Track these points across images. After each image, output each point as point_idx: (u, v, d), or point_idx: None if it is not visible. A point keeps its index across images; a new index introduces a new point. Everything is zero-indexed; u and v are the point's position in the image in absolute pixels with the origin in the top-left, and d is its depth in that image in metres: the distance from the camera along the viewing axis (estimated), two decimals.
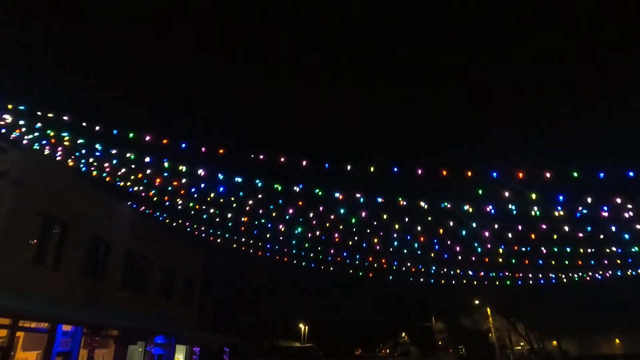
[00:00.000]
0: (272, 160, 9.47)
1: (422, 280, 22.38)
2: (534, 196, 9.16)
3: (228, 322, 27.34)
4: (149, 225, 20.10)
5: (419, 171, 9.74)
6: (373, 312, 39.96)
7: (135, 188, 14.50)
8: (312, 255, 19.49)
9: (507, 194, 9.27)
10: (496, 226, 12.56)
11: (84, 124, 9.75)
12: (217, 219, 16.82)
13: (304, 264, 20.53)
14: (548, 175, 8.26)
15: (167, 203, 15.87)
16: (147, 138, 9.58)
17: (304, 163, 9.48)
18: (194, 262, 24.95)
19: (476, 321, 43.24)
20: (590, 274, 20.81)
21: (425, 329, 66.79)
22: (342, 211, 12.34)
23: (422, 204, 10.31)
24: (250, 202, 14.37)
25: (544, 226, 11.87)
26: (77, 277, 15.00)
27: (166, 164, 10.87)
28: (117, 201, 17.84)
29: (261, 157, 9.41)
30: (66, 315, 12.84)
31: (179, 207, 15.67)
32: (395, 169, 9.37)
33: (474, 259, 18.28)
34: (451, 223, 12.46)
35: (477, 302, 38.87)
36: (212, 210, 16.12)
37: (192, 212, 16.67)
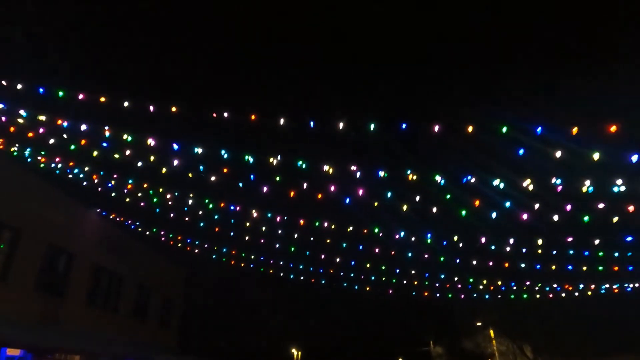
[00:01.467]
0: (241, 119, 7.80)
1: (420, 294, 20.31)
2: (596, 156, 7.18)
3: (212, 346, 24.86)
4: (121, 236, 18.04)
5: (436, 128, 7.78)
6: (369, 335, 37.43)
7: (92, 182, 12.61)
8: (300, 266, 17.55)
9: (558, 154, 7.42)
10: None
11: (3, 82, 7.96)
12: (193, 223, 14.97)
13: (292, 276, 18.49)
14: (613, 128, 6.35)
15: (132, 196, 13.96)
16: (81, 97, 7.85)
17: (282, 122, 7.80)
18: (173, 278, 22.71)
19: (479, 344, 40.74)
20: (611, 285, 18.68)
21: (422, 354, 63.57)
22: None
23: (438, 178, 8.52)
24: (224, 202, 12.63)
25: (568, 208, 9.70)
26: (30, 292, 12.86)
27: (107, 133, 9.08)
28: (83, 206, 15.85)
29: (225, 115, 7.74)
30: (11, 337, 10.72)
31: (142, 202, 13.74)
32: (403, 126, 7.63)
33: (475, 262, 16.17)
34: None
35: (479, 323, 36.54)
36: (187, 218, 14.29)
37: (165, 216, 14.80)
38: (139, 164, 11.30)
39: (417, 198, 9.18)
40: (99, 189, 12.89)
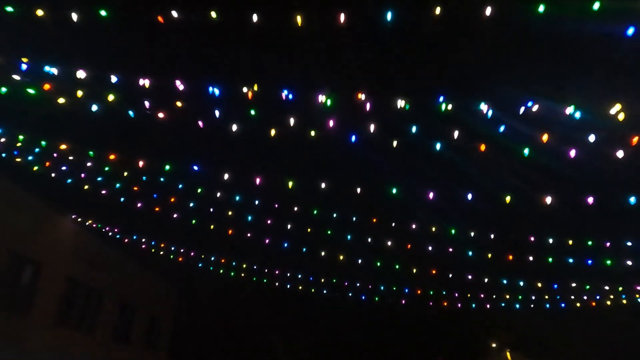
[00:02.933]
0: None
1: (438, 304, 18.03)
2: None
3: None
4: (98, 245, 15.99)
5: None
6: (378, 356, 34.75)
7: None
8: (299, 275, 15.44)
9: None
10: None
11: None
12: (182, 225, 13.02)
13: (300, 287, 16.34)
14: None
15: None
16: None
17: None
18: (162, 294, 20.49)
19: None
20: None
21: None
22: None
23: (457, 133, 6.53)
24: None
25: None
26: None
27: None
28: (52, 209, 13.88)
29: None
30: None
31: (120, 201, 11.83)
32: None
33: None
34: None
35: (494, 344, 33.74)
36: (174, 215, 12.35)
37: (149, 218, 12.87)
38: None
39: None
40: (53, 174, 10.90)
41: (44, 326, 12.76)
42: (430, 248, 10.69)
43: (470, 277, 12.31)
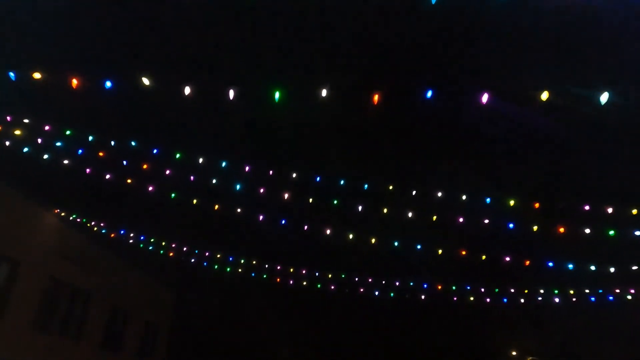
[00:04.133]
0: None
1: (464, 299, 16.02)
2: None
3: None
4: (86, 244, 14.68)
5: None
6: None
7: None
8: (303, 270, 13.89)
9: None
10: None
11: None
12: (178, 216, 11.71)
13: (304, 283, 14.73)
14: None
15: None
16: None
17: None
18: (157, 299, 19.09)
19: None
20: None
21: None
22: None
23: None
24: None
25: None
26: None
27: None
28: (32, 202, 12.60)
29: None
30: None
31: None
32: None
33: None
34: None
35: (514, 353, 31.48)
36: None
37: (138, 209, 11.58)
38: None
39: None
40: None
41: (21, 331, 11.40)
42: (460, 220, 9.13)
43: (507, 258, 10.67)
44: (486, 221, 8.94)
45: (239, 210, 10.56)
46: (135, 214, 13.00)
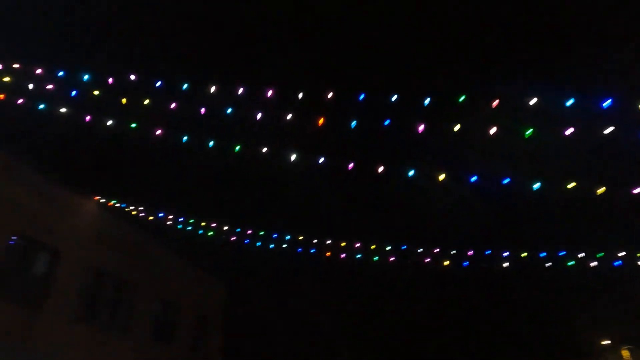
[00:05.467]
0: None
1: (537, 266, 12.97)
2: None
3: None
4: (131, 235, 14.26)
5: None
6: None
7: None
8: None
9: None
10: None
11: None
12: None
13: (360, 255, 12.62)
14: None
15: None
16: None
17: None
18: (209, 291, 18.54)
19: None
20: None
21: None
22: None
23: None
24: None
25: None
26: None
27: None
28: (72, 191, 12.25)
29: None
30: None
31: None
32: None
33: None
34: None
35: (607, 341, 27.13)
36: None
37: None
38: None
39: None
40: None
41: (65, 322, 11.04)
42: None
43: None
44: None
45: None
46: (177, 195, 12.17)
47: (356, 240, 11.76)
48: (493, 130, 6.24)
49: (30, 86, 7.89)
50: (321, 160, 7.68)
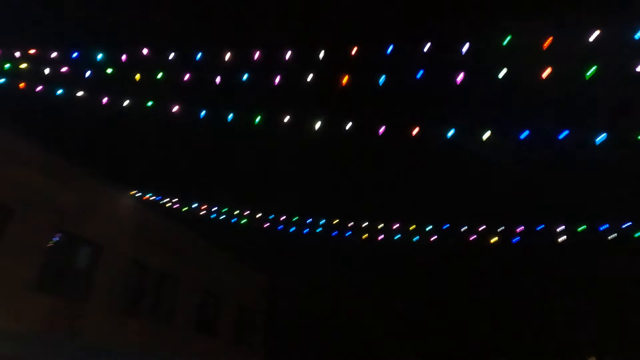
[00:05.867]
0: None
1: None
2: None
3: None
4: (170, 228, 14.37)
5: None
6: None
7: None
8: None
9: None
10: None
11: None
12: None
13: (417, 238, 11.62)
14: None
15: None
16: None
17: None
18: (251, 283, 18.50)
19: None
20: None
21: None
22: None
23: None
24: None
25: None
26: (27, 291, 9.39)
27: None
28: (110, 186, 12.44)
29: None
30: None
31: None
32: None
33: None
34: None
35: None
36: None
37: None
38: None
39: None
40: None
41: (109, 314, 11.21)
42: None
43: None
44: None
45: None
46: (210, 185, 12.03)
47: (394, 221, 11.01)
48: (546, 74, 5.39)
49: (57, 75, 7.86)
50: (348, 125, 7.06)
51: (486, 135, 6.38)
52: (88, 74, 8.52)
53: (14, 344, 8.56)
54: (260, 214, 12.00)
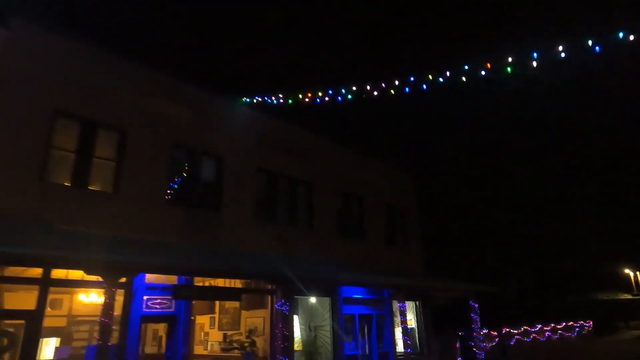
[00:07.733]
0: None
1: None
2: None
3: (472, 267, 17.76)
4: (294, 133, 13.53)
5: None
6: None
7: None
8: None
9: None
10: None
11: None
12: None
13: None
14: None
15: None
16: None
17: None
18: (400, 184, 17.00)
19: None
20: None
21: None
22: None
23: None
24: None
25: None
26: (158, 207, 9.79)
27: None
28: (221, 99, 11.92)
29: None
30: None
31: None
32: None
33: None
34: None
35: None
36: None
37: None
38: None
39: None
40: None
41: (243, 222, 11.30)
42: None
43: None
44: None
45: None
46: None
47: None
48: None
49: None
50: None
51: None
52: None
53: (160, 252, 9.15)
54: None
